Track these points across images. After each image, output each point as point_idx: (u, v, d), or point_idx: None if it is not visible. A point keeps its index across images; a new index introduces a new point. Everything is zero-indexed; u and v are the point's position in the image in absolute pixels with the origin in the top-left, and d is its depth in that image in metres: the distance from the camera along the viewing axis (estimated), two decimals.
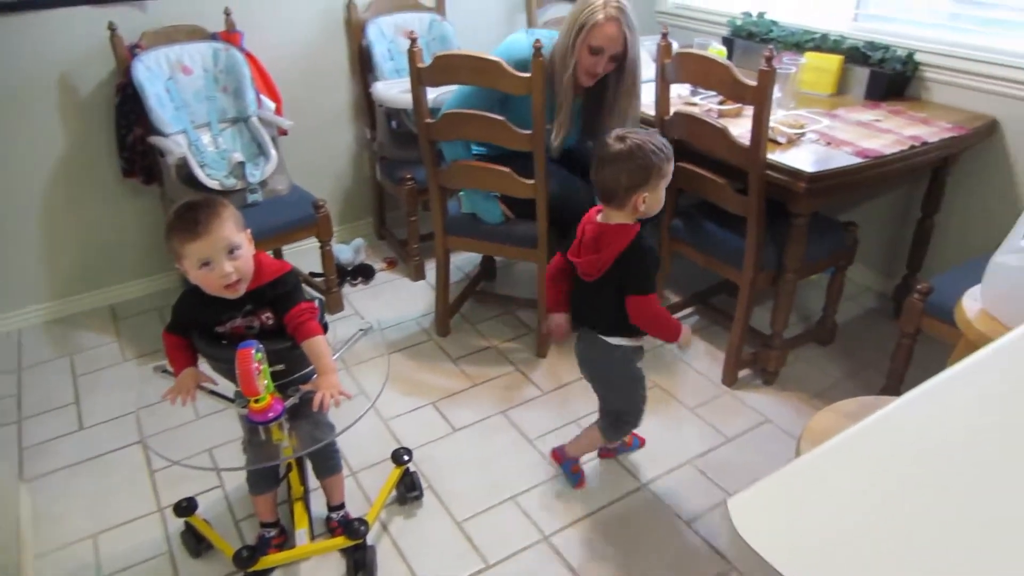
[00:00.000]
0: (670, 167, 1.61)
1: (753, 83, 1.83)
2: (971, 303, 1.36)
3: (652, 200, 1.60)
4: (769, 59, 1.77)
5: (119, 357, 2.61)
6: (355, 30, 3.00)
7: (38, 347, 2.69)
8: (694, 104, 2.41)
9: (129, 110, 2.58)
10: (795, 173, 1.92)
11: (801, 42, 2.64)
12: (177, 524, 1.87)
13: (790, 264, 2.10)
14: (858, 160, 1.95)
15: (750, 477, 1.93)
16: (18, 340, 2.73)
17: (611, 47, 2.04)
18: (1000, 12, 2.27)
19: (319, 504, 1.90)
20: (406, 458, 1.95)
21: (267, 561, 1.72)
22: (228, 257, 1.45)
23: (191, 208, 1.46)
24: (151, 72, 2.51)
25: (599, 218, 1.67)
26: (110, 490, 2.04)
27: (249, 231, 1.54)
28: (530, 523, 1.89)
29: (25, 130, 2.57)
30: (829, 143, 2.07)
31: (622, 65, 2.09)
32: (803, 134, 2.11)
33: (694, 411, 2.24)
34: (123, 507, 1.98)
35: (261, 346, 1.44)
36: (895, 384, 2.07)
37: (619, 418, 1.88)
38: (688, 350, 2.46)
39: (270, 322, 1.56)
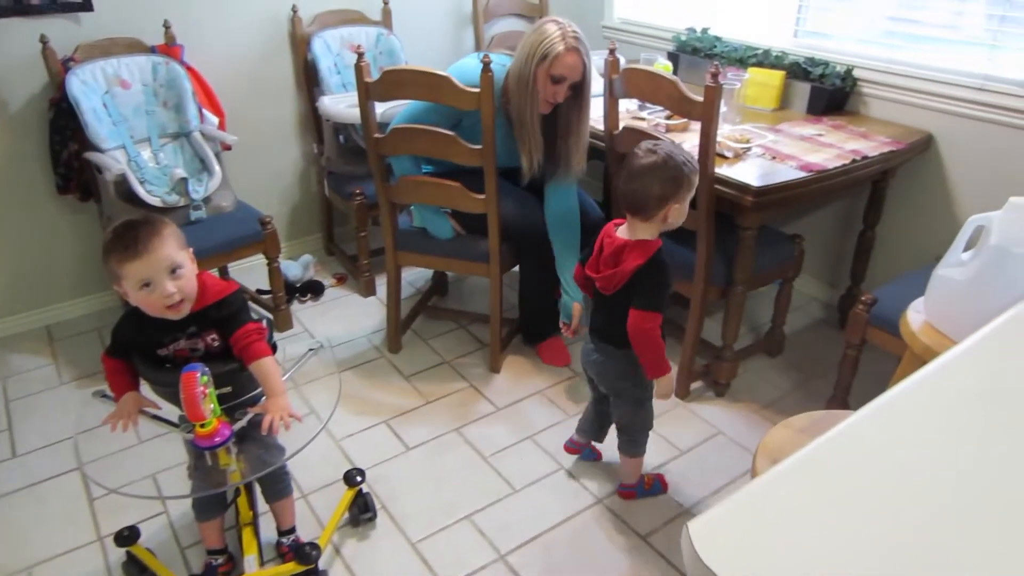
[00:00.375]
0: (696, 179, 1.62)
1: (700, 99, 1.85)
2: (915, 315, 1.39)
3: (679, 212, 1.60)
4: (715, 75, 1.80)
5: (56, 380, 2.50)
6: (300, 44, 2.95)
7: None
8: (642, 119, 2.44)
9: (64, 125, 2.49)
10: (743, 187, 1.95)
11: (744, 58, 2.71)
12: (118, 554, 1.79)
13: (739, 277, 2.13)
14: (803, 174, 1.99)
15: (704, 489, 1.99)
16: None
17: (572, 75, 2.06)
18: (930, 30, 2.37)
19: (268, 528, 1.84)
20: (359, 479, 1.90)
21: None
22: (170, 277, 1.40)
23: (130, 227, 1.40)
24: (87, 86, 2.42)
25: (621, 232, 1.66)
26: (46, 520, 1.95)
27: (191, 250, 1.49)
28: (486, 542, 1.86)
29: None
30: (774, 157, 2.11)
31: (579, 91, 2.11)
32: (749, 148, 2.15)
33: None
34: (60, 537, 1.89)
35: (207, 369, 1.40)
36: (842, 394, 2.11)
37: (629, 434, 1.90)
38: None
39: (215, 344, 1.51)
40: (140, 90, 2.55)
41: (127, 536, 1.75)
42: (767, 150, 2.16)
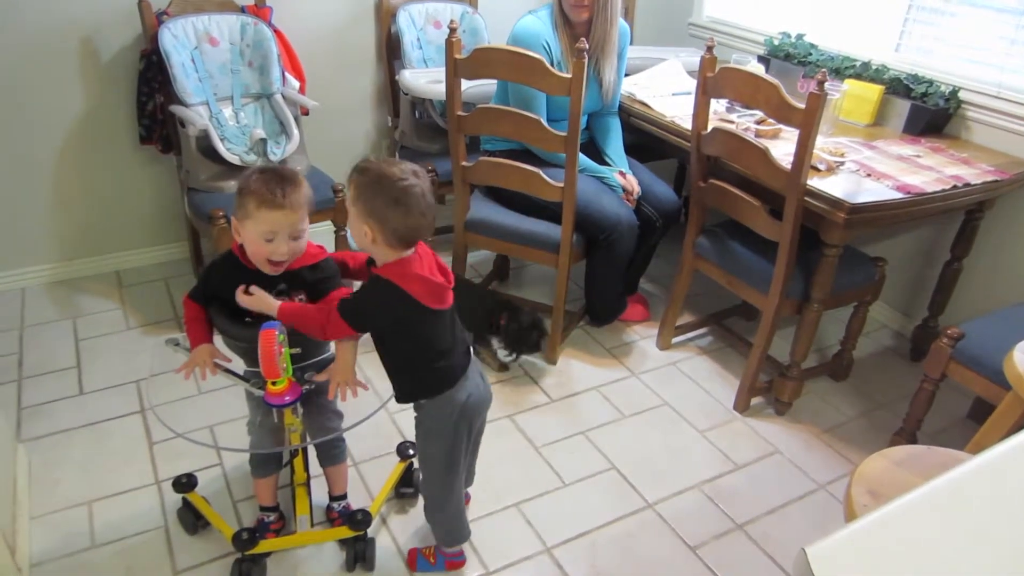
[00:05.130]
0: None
1: (802, 106, 1.78)
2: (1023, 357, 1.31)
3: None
4: (821, 83, 1.73)
5: (122, 324, 2.56)
6: (385, 15, 2.95)
7: (41, 307, 2.63)
8: (730, 121, 2.37)
9: (152, 77, 2.53)
10: (835, 202, 1.87)
11: (841, 68, 2.61)
12: (174, 499, 1.83)
13: (817, 294, 2.06)
14: (899, 195, 1.91)
15: (757, 507, 1.93)
16: (22, 299, 2.67)
17: None
18: None
19: (320, 492, 1.85)
20: (411, 452, 1.90)
21: (266, 545, 1.68)
22: (290, 239, 1.42)
23: (280, 177, 1.40)
24: (177, 40, 2.45)
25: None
26: (107, 458, 2.00)
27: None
28: (533, 532, 1.84)
29: (45, 89, 2.52)
30: (869, 174, 2.03)
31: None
32: (843, 163, 2.07)
33: (704, 434, 2.20)
34: (120, 477, 1.94)
35: (284, 328, 1.41)
36: (912, 428, 2.03)
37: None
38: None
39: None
40: (227, 48, 2.58)
41: (185, 483, 1.78)
42: (862, 166, 2.08)
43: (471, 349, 1.56)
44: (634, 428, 2.21)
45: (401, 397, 1.51)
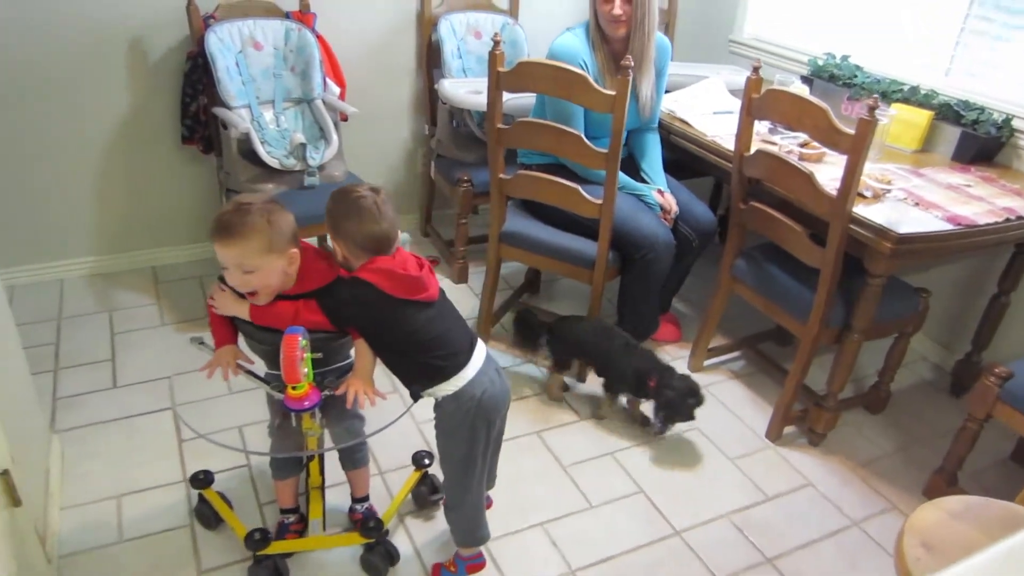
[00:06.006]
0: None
1: (850, 131, 1.74)
2: None
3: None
4: (873, 108, 1.69)
5: (157, 320, 2.58)
6: (427, 24, 2.96)
7: (79, 299, 2.67)
8: (773, 143, 2.33)
9: (197, 79, 2.56)
10: (881, 231, 1.83)
11: (888, 92, 2.55)
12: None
13: (858, 324, 2.00)
14: (949, 227, 1.85)
15: (788, 542, 1.89)
16: (60, 289, 2.72)
17: None
18: None
19: (337, 497, 1.86)
20: (427, 462, 1.89)
21: (277, 546, 1.68)
22: (241, 274, 1.41)
23: (235, 210, 1.40)
24: (223, 44, 2.48)
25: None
26: (138, 453, 2.01)
27: (294, 249, 1.44)
28: (558, 554, 1.82)
29: (93, 85, 2.56)
30: (917, 203, 1.97)
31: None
32: (890, 190, 2.02)
33: (734, 462, 2.15)
34: (149, 472, 1.96)
35: (307, 333, 1.41)
36: (953, 467, 1.97)
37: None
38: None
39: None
40: (271, 53, 2.60)
41: (202, 479, 1.80)
42: (909, 194, 2.02)
43: (476, 342, 1.56)
44: (663, 451, 2.17)
45: (409, 389, 1.52)
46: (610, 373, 2.22)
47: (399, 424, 2.11)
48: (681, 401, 2.08)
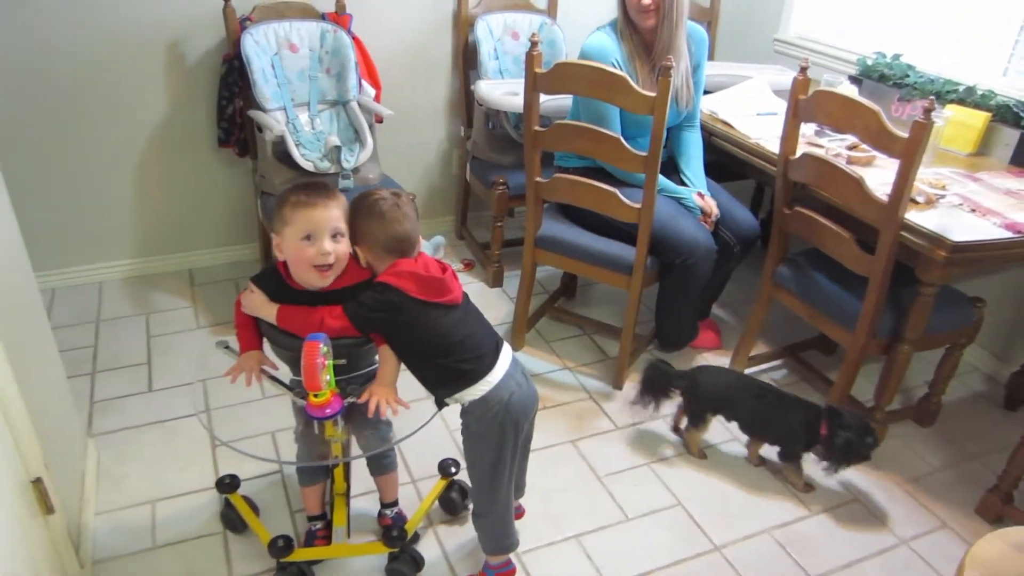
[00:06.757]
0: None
1: (904, 135, 1.67)
2: None
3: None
4: (929, 111, 1.61)
5: (193, 323, 2.60)
6: (463, 25, 2.93)
7: (117, 302, 2.70)
8: (819, 146, 2.25)
9: (233, 82, 2.57)
10: (935, 239, 1.75)
11: (942, 92, 2.45)
12: None
13: (909, 335, 1.92)
14: (1008, 234, 1.77)
15: (831, 560, 1.81)
16: (99, 292, 2.75)
17: None
18: None
19: (365, 503, 1.85)
20: (453, 470, 1.87)
21: (300, 554, 1.66)
22: (331, 238, 1.42)
23: (312, 183, 1.46)
24: (259, 46, 2.48)
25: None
26: (172, 458, 2.02)
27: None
28: (592, 568, 1.77)
29: (131, 90, 2.58)
30: (974, 209, 1.88)
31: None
32: (944, 195, 1.94)
33: (776, 476, 2.08)
34: (183, 477, 1.96)
35: (329, 340, 1.39)
36: (1008, 486, 1.87)
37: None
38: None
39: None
40: (307, 55, 2.60)
41: (228, 484, 1.79)
42: (965, 200, 1.93)
43: (502, 345, 1.53)
44: (702, 463, 2.11)
45: (434, 395, 1.50)
46: (774, 435, 2.03)
47: (430, 431, 2.09)
48: (860, 441, 1.87)
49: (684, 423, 2.12)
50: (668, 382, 2.10)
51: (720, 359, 2.53)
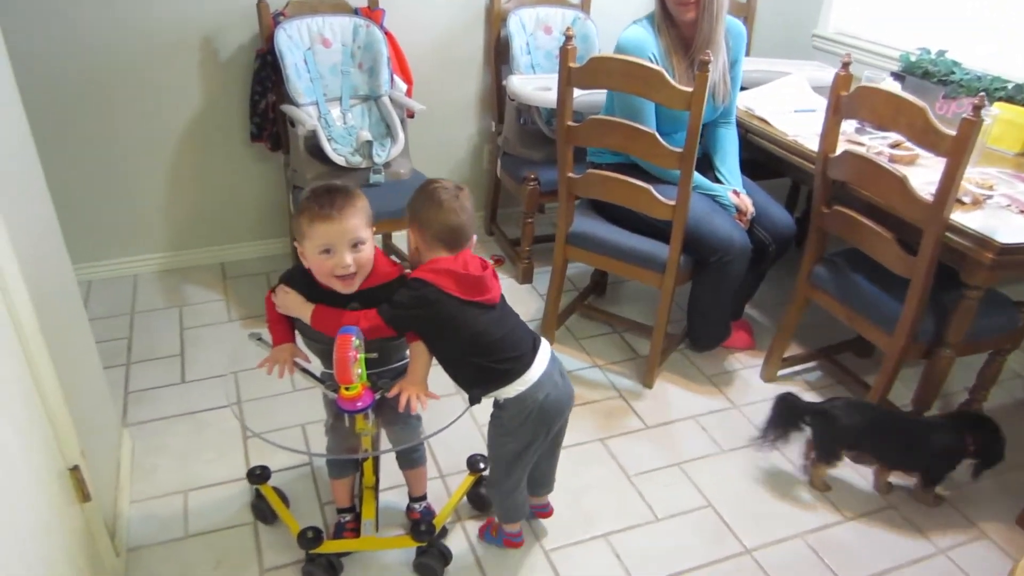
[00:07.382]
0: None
1: (952, 132, 1.62)
2: None
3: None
4: (979, 108, 1.56)
5: (225, 316, 2.62)
6: (496, 20, 2.91)
7: (151, 294, 2.74)
8: (860, 143, 2.20)
9: (266, 76, 2.58)
10: (982, 240, 1.69)
11: (990, 90, 2.38)
12: None
13: (951, 339, 1.87)
14: None
15: (868, 567, 1.77)
16: (134, 285, 2.79)
17: None
18: None
19: (394, 496, 1.85)
20: (482, 466, 1.86)
21: (329, 546, 1.67)
22: (350, 249, 1.40)
23: (328, 190, 1.42)
24: (292, 41, 2.49)
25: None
26: (204, 448, 2.04)
27: (373, 228, 1.47)
28: (621, 568, 1.75)
29: (166, 85, 2.61)
30: (1022, 211, 1.82)
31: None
32: (991, 196, 1.88)
33: (804, 477, 2.04)
34: (215, 468, 1.98)
35: (361, 333, 1.39)
36: None
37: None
38: None
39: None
40: (339, 50, 2.60)
41: (259, 475, 1.81)
42: (1013, 201, 1.87)
43: (540, 343, 1.52)
44: (733, 464, 2.08)
45: (468, 393, 1.50)
46: (921, 465, 1.94)
47: (460, 427, 2.08)
48: (1002, 445, 1.86)
49: (812, 455, 2.03)
50: (799, 416, 1.98)
51: (753, 360, 2.49)
